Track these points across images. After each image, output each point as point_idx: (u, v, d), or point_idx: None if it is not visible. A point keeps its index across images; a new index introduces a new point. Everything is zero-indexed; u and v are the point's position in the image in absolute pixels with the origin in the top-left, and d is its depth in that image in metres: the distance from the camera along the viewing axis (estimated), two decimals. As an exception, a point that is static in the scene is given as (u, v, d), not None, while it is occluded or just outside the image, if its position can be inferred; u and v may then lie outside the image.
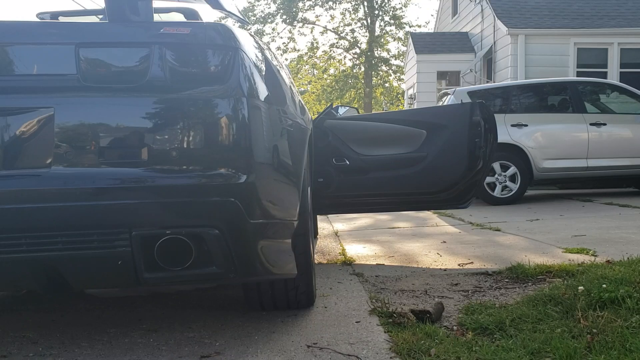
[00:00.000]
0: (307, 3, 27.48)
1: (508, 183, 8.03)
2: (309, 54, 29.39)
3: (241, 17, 2.77)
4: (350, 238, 5.54)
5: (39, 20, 3.59)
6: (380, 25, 28.34)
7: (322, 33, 29.42)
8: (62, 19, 3.66)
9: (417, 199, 4.43)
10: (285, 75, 2.88)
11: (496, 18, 13.63)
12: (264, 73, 2.32)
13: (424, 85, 16.00)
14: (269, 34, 28.13)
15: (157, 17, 3.12)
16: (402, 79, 25.84)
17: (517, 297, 2.99)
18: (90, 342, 2.44)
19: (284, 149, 2.39)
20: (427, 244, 4.97)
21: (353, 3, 27.86)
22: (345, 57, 29.29)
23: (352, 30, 28.46)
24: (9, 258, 1.97)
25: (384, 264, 4.12)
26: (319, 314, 2.76)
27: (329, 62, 29.66)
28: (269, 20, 27.80)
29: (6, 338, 2.53)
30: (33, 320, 2.84)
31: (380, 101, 30.23)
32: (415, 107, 15.19)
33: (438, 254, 4.43)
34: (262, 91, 2.23)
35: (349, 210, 4.88)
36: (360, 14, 28.14)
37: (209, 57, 2.08)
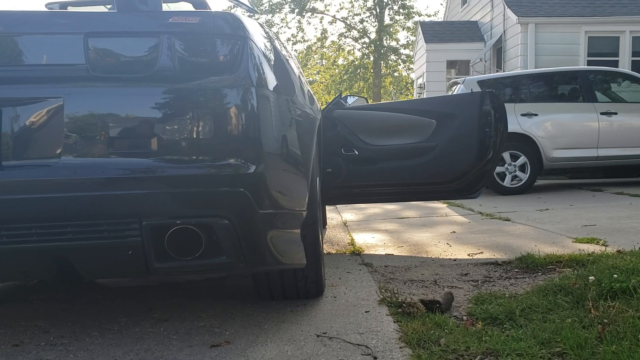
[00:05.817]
0: None
1: (518, 173, 8.00)
2: (317, 44, 29.30)
3: (250, 6, 2.77)
4: (359, 228, 5.54)
5: (47, 10, 3.59)
6: (389, 14, 28.21)
7: (331, 23, 29.31)
8: (70, 9, 3.66)
9: (426, 189, 4.41)
10: (294, 65, 2.87)
11: (506, 7, 13.51)
12: (272, 63, 2.31)
13: (433, 75, 15.92)
14: (278, 24, 28.09)
15: (165, 7, 3.11)
16: (412, 68, 25.72)
17: (527, 287, 2.98)
18: (101, 332, 2.45)
19: (292, 139, 2.38)
20: (437, 233, 4.96)
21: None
22: (354, 47, 29.20)
23: (362, 20, 28.34)
24: (19, 248, 1.98)
25: (393, 254, 4.12)
26: (328, 303, 2.77)
27: (338, 53, 29.55)
28: (277, 10, 27.73)
29: (18, 327, 2.55)
30: (44, 309, 2.86)
31: (389, 91, 30.10)
32: (424, 96, 15.14)
33: (447, 243, 4.42)
34: (271, 81, 2.22)
35: (357, 200, 4.88)
36: (370, 3, 28.00)
37: (217, 47, 2.08)
